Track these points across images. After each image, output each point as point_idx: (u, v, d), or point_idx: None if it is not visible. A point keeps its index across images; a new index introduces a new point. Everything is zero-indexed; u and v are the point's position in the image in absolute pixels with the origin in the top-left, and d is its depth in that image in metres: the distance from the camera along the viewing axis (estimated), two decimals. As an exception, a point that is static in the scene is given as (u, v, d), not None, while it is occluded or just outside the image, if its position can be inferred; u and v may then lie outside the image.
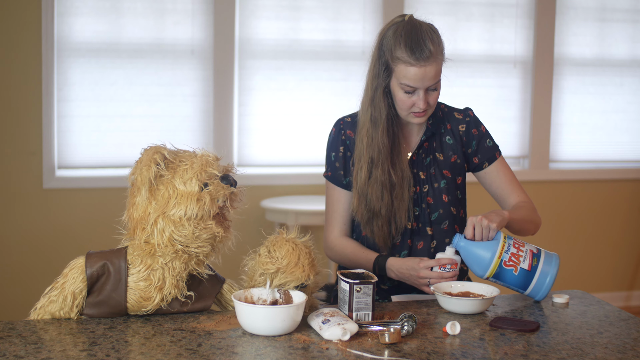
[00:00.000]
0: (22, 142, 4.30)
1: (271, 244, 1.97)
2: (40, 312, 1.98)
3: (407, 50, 2.20)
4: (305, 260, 1.95)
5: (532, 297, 2.21)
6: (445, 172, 2.39)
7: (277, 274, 1.94)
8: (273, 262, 1.94)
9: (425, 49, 2.20)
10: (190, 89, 4.51)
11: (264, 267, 1.94)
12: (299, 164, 4.73)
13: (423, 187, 2.37)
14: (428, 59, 2.20)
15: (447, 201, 2.38)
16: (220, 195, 1.94)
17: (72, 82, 4.34)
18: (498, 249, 2.14)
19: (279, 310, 1.86)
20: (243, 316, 1.87)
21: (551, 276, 2.16)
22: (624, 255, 5.30)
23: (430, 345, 1.84)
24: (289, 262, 1.93)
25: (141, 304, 1.96)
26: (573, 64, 5.11)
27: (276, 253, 1.94)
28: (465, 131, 2.42)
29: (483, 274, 2.17)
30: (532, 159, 5.07)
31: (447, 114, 2.44)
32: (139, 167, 1.93)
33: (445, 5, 4.77)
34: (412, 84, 2.22)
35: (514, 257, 2.14)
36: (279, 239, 1.97)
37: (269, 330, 1.86)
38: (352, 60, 4.70)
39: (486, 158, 2.43)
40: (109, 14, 4.34)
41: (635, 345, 1.88)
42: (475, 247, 2.16)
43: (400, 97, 2.27)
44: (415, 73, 2.21)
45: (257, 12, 4.56)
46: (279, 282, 1.94)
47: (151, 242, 1.95)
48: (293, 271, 1.93)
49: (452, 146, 2.41)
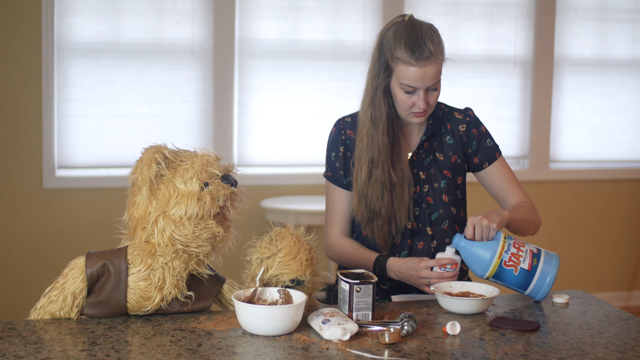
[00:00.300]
0: (22, 142, 4.30)
1: (275, 234, 2.00)
2: (40, 312, 1.98)
3: (408, 50, 2.20)
4: (304, 256, 1.96)
5: (532, 297, 2.21)
6: (445, 172, 2.39)
7: (274, 262, 1.95)
8: (270, 249, 1.95)
9: (425, 49, 2.20)
10: (190, 89, 4.51)
11: (260, 250, 1.97)
12: (299, 164, 4.73)
13: (423, 187, 2.37)
14: (428, 59, 2.20)
15: (447, 201, 2.38)
16: (220, 195, 1.95)
17: (72, 82, 4.34)
18: (498, 249, 2.14)
19: (279, 310, 1.86)
20: (243, 316, 1.87)
21: (551, 276, 2.16)
22: (624, 255, 5.30)
23: (430, 345, 1.84)
24: (288, 253, 1.95)
25: (141, 303, 1.97)
26: (573, 64, 5.11)
27: (277, 242, 1.97)
28: (465, 131, 2.42)
29: (483, 274, 2.17)
30: (532, 159, 5.07)
31: (447, 114, 2.43)
32: (139, 167, 1.93)
33: (445, 5, 4.77)
34: (412, 84, 2.22)
35: (514, 257, 2.14)
36: (284, 231, 1.99)
37: (268, 330, 1.86)
38: (352, 60, 4.70)
39: (486, 158, 2.43)
40: (109, 14, 4.34)
41: (635, 345, 1.88)
42: (475, 247, 2.16)
43: (401, 97, 2.27)
44: (415, 73, 2.21)
45: (257, 12, 4.56)
46: (274, 272, 1.96)
47: (151, 242, 1.96)
48: (290, 264, 1.95)
49: (452, 146, 2.41)
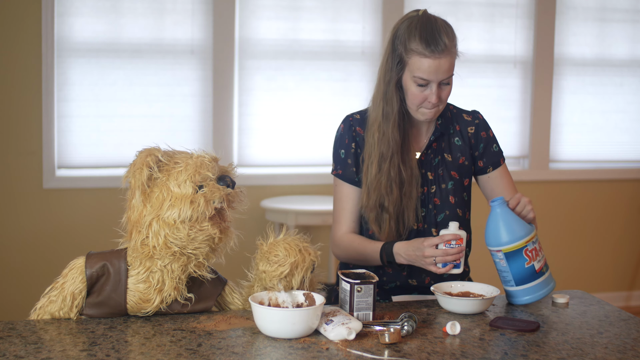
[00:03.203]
0: (22, 142, 4.30)
1: (265, 255, 1.97)
2: (40, 313, 1.97)
3: (422, 42, 2.19)
4: (302, 245, 1.96)
5: (512, 297, 2.18)
6: (453, 173, 2.38)
7: (294, 271, 1.94)
8: (282, 264, 1.94)
9: (440, 41, 2.19)
10: (190, 89, 4.51)
11: (272, 274, 1.95)
12: (299, 164, 4.73)
13: (430, 188, 2.36)
14: (443, 52, 2.19)
15: (453, 203, 2.37)
16: (216, 197, 1.93)
17: (72, 82, 4.34)
18: (530, 234, 2.14)
19: (293, 313, 1.85)
20: (256, 318, 1.88)
21: (542, 293, 2.16)
22: (624, 255, 5.30)
23: (430, 345, 1.84)
24: (296, 257, 1.94)
25: (141, 305, 1.96)
26: (573, 64, 5.11)
27: (276, 257, 1.95)
28: (474, 133, 2.41)
29: (499, 244, 2.13)
30: (532, 159, 5.07)
31: (456, 115, 2.43)
32: (132, 171, 1.93)
33: (445, 5, 4.77)
34: (425, 76, 2.21)
35: (534, 251, 2.14)
36: (270, 246, 1.97)
37: (281, 333, 1.84)
38: (351, 60, 4.70)
39: (491, 163, 2.42)
40: (109, 14, 4.34)
41: (635, 345, 1.88)
42: (512, 217, 2.14)
43: (413, 90, 2.25)
44: (429, 65, 2.19)
45: (257, 12, 4.56)
46: (299, 277, 1.94)
47: (148, 245, 1.94)
48: (302, 260, 1.94)
49: (460, 147, 2.40)
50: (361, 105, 2.50)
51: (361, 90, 4.68)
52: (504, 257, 2.15)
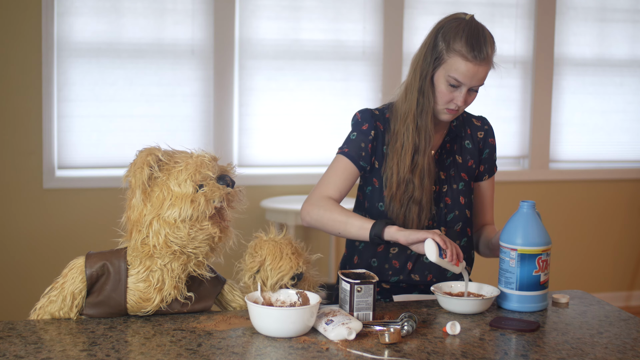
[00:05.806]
0: (22, 142, 4.30)
1: (252, 248, 2.01)
2: (40, 313, 1.98)
3: (468, 45, 2.22)
4: (288, 251, 1.97)
5: (503, 300, 2.16)
6: (462, 174, 2.41)
7: (267, 272, 1.95)
8: (255, 262, 1.97)
9: (484, 49, 2.23)
10: (191, 89, 4.51)
11: (247, 267, 1.98)
12: (299, 164, 4.73)
13: (442, 187, 2.37)
14: (484, 60, 2.23)
15: (463, 203, 2.39)
16: (215, 196, 1.94)
17: (72, 82, 4.34)
18: (548, 245, 2.14)
19: (289, 312, 1.85)
20: (252, 316, 1.88)
21: (536, 306, 2.14)
22: (624, 255, 5.30)
23: (430, 345, 1.84)
24: (273, 257, 1.95)
25: (141, 304, 1.96)
26: (573, 64, 5.11)
27: (257, 253, 1.98)
28: (482, 138, 2.46)
29: (517, 243, 2.12)
30: (532, 159, 5.07)
31: (467, 119, 2.47)
32: (132, 170, 1.93)
33: (445, 5, 4.77)
34: (461, 78, 2.23)
35: (545, 263, 2.14)
36: (258, 241, 2.01)
37: (271, 331, 1.85)
38: (352, 61, 4.70)
39: (488, 171, 2.48)
40: (109, 14, 4.34)
41: (635, 345, 1.88)
42: (538, 223, 2.15)
43: (442, 89, 2.26)
44: (468, 69, 2.22)
45: (257, 12, 4.56)
46: (273, 280, 1.96)
47: (148, 244, 1.95)
48: (281, 265, 1.95)
49: (470, 151, 2.43)
50: (361, 105, 2.50)
51: (362, 90, 4.67)
52: (517, 257, 2.14)
